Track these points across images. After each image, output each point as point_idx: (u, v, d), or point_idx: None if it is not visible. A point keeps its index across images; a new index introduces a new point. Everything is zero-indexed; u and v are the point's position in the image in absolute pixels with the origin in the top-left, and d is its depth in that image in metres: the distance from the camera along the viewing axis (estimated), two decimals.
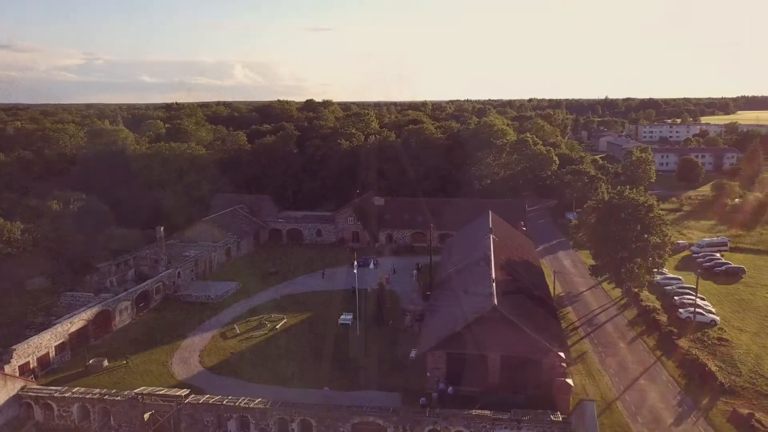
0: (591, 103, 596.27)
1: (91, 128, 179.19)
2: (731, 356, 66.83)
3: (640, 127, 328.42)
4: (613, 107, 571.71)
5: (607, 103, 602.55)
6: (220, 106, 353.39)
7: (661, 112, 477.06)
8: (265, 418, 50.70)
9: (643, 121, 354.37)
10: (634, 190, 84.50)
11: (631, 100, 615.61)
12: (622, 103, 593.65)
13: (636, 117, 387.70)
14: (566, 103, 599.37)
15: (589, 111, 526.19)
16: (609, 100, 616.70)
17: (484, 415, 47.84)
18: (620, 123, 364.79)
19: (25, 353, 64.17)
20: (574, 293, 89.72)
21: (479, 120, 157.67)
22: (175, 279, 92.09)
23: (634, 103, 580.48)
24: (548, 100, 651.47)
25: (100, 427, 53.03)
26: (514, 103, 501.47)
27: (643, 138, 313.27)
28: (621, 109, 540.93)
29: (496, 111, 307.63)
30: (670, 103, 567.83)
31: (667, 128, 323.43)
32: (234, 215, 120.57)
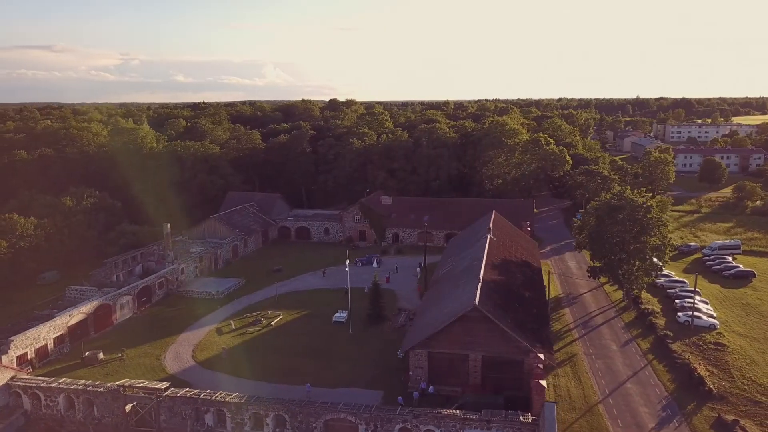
0: (621, 103, 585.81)
1: (114, 127, 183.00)
2: (725, 361, 65.29)
3: (668, 127, 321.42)
4: (645, 107, 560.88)
5: (639, 102, 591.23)
6: (245, 105, 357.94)
7: (694, 111, 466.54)
8: (241, 413, 51.45)
9: (671, 120, 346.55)
10: (635, 191, 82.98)
11: (663, 99, 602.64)
12: (654, 103, 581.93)
13: (665, 117, 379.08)
14: (596, 102, 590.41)
15: (619, 111, 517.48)
16: (640, 100, 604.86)
17: (454, 414, 47.75)
18: (648, 123, 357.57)
19: (22, 344, 66.24)
20: (574, 294, 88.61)
21: (492, 119, 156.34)
22: (178, 275, 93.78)
23: (666, 103, 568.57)
24: (578, 100, 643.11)
25: (85, 417, 54.50)
26: (542, 103, 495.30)
27: (670, 138, 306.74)
28: (653, 109, 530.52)
29: (521, 111, 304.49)
30: (704, 103, 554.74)
31: (696, 128, 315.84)
32: (243, 213, 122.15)
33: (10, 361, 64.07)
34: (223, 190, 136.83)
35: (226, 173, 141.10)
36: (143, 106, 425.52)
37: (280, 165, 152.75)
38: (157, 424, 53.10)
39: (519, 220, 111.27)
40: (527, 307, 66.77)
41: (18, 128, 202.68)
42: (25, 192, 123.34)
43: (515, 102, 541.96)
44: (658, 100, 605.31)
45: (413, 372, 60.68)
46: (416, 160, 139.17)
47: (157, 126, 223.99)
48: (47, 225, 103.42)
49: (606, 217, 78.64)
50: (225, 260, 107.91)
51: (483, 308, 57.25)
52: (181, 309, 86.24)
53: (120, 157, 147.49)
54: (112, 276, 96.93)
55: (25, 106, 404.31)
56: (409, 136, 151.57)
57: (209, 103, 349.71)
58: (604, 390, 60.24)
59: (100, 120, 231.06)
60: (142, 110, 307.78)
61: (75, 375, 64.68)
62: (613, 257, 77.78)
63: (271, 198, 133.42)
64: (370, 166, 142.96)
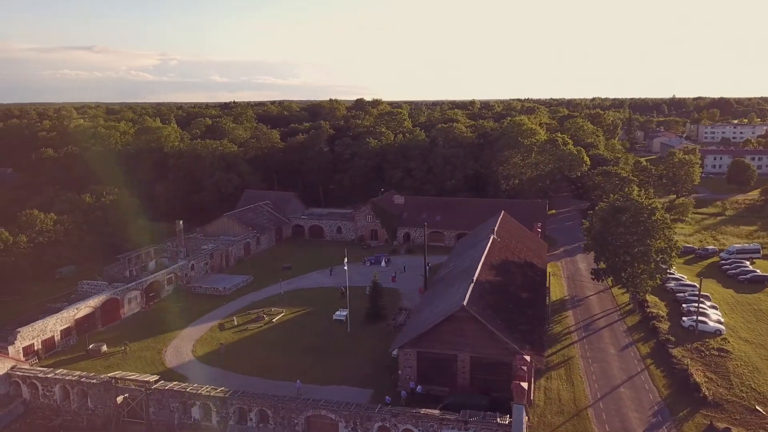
0: (657, 102, 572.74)
1: (140, 126, 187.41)
2: (726, 368, 63.65)
3: (701, 128, 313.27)
4: (681, 107, 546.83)
5: (675, 102, 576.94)
6: (274, 105, 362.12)
7: (731, 112, 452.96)
8: (226, 407, 52.41)
9: (705, 121, 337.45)
10: (642, 192, 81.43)
11: (701, 99, 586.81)
12: (692, 103, 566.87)
13: (698, 117, 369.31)
14: (630, 102, 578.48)
15: (654, 110, 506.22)
16: (676, 99, 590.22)
17: (432, 414, 47.77)
18: (682, 123, 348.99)
19: (29, 336, 68.54)
20: (580, 297, 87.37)
21: (511, 119, 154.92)
22: (188, 271, 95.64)
23: (704, 103, 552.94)
24: (611, 99, 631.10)
25: (79, 408, 56.20)
26: (573, 102, 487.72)
27: (703, 138, 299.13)
28: (689, 109, 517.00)
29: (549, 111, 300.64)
30: (743, 103, 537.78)
31: (730, 129, 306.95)
32: (257, 211, 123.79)
33: (17, 351, 66.44)
34: (240, 188, 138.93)
35: (243, 171, 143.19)
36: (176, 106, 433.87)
37: (297, 164, 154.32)
38: (146, 415, 54.39)
39: (532, 221, 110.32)
40: (522, 309, 66.14)
41: (53, 127, 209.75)
42: (49, 188, 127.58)
43: (546, 102, 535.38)
44: (695, 99, 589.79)
45: (402, 371, 60.81)
46: (432, 159, 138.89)
47: (184, 125, 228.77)
48: (66, 221, 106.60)
49: (610, 219, 77.41)
50: (237, 257, 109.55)
51: (471, 309, 57.01)
52: (188, 305, 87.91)
53: (142, 155, 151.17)
54: (125, 271, 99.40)
55: (63, 106, 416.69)
56: (426, 136, 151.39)
57: (239, 103, 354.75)
58: (596, 394, 59.37)
59: (132, 119, 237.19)
60: (171, 109, 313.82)
61: (78, 367, 66.64)
62: (617, 259, 76.50)
63: (286, 196, 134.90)
64: (386, 165, 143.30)
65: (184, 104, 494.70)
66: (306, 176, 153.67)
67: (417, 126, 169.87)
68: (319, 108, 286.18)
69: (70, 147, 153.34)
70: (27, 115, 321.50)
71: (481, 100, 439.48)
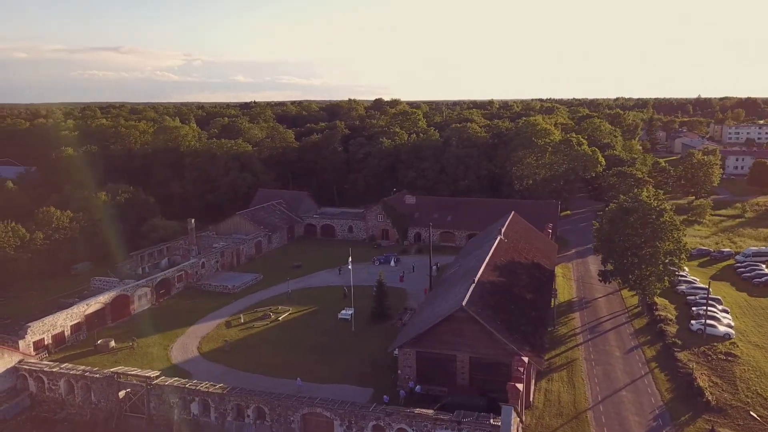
0: (682, 103, 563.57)
1: (159, 125, 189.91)
2: (733, 373, 62.51)
3: (725, 128, 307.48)
4: (707, 107, 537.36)
5: (700, 102, 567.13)
6: (293, 105, 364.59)
7: (758, 112, 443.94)
8: (223, 403, 52.97)
9: (729, 121, 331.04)
10: (651, 193, 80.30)
11: (727, 99, 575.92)
12: (717, 103, 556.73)
13: (723, 117, 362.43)
14: (654, 102, 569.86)
15: (678, 111, 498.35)
16: (702, 99, 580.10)
17: (426, 414, 47.74)
18: (706, 123, 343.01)
19: (39, 330, 70.03)
20: (588, 299, 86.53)
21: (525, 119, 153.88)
22: (198, 269, 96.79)
23: (729, 103, 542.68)
24: (635, 99, 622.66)
25: (83, 401, 57.26)
26: (596, 102, 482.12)
27: (727, 139, 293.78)
28: (715, 109, 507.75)
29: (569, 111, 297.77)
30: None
31: (755, 129, 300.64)
32: (269, 210, 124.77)
33: (27, 345, 67.97)
34: (254, 188, 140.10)
35: (257, 171, 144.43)
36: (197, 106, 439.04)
37: (312, 163, 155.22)
38: (147, 410, 55.24)
39: (544, 221, 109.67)
40: (525, 310, 65.73)
41: (76, 126, 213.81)
42: (68, 186, 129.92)
43: (567, 102, 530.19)
44: (721, 99, 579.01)
45: (402, 371, 60.88)
46: (445, 159, 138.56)
47: (203, 124, 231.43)
48: (81, 218, 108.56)
49: (618, 220, 76.58)
50: (248, 256, 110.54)
51: (470, 309, 56.84)
52: (197, 302, 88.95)
53: (159, 154, 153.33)
54: (138, 268, 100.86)
55: (89, 106, 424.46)
56: (440, 136, 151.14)
57: (259, 103, 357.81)
58: (596, 397, 58.79)
59: (153, 119, 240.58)
60: (191, 109, 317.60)
61: (86, 361, 67.86)
62: (625, 261, 75.61)
63: (299, 196, 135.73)
64: (399, 165, 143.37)
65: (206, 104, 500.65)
66: (320, 176, 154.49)
67: (432, 126, 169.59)
68: (338, 108, 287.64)
69: (89, 146, 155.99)
70: (53, 114, 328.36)
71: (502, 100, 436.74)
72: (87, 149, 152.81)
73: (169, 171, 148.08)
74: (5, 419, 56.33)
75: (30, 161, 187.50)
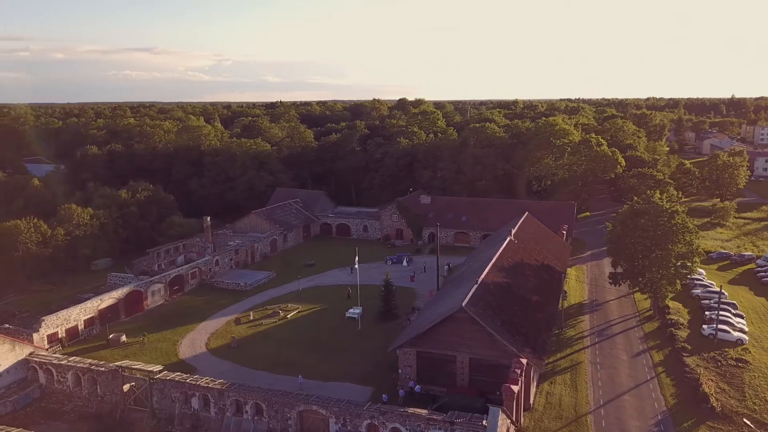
0: (714, 103, 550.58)
1: (183, 125, 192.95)
2: (742, 379, 61.16)
3: (757, 129, 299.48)
4: (741, 107, 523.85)
5: (734, 102, 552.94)
6: (318, 105, 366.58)
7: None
8: (223, 399, 53.73)
9: (762, 122, 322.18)
10: (664, 195, 78.94)
11: (762, 99, 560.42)
12: (753, 103, 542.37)
13: (756, 118, 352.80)
14: (686, 102, 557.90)
15: (711, 111, 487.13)
16: (735, 100, 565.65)
17: (419, 414, 47.76)
18: (738, 124, 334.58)
19: (53, 324, 71.89)
20: (600, 301, 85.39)
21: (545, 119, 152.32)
22: (212, 266, 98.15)
23: (765, 103, 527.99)
24: (667, 99, 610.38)
25: (89, 394, 58.65)
26: (624, 102, 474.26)
27: (759, 140, 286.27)
28: (749, 109, 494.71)
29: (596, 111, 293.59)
30: None
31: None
32: (285, 209, 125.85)
33: (41, 339, 69.87)
34: (272, 186, 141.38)
35: (275, 170, 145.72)
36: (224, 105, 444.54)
37: (330, 163, 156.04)
38: (150, 404, 56.33)
39: (560, 222, 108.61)
40: (529, 312, 65.30)
41: (105, 125, 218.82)
42: (91, 184, 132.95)
43: (597, 102, 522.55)
44: (756, 99, 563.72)
45: (402, 370, 60.98)
46: (462, 159, 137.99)
47: (228, 124, 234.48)
48: (102, 215, 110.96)
49: (629, 222, 75.48)
50: (262, 254, 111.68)
51: (470, 310, 56.62)
52: (209, 299, 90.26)
53: (181, 152, 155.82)
54: (154, 265, 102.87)
55: (120, 105, 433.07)
56: (458, 136, 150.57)
57: (284, 103, 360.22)
58: (598, 400, 58.07)
59: (179, 118, 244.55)
60: (217, 109, 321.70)
61: (98, 355, 69.49)
62: (635, 263, 74.49)
63: (316, 195, 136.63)
64: (416, 165, 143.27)
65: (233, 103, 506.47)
66: (338, 175, 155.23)
67: (451, 126, 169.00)
68: (362, 108, 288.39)
69: (113, 144, 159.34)
70: (85, 113, 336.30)
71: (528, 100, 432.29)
72: (111, 148, 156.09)
73: (190, 169, 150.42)
74: (15, 409, 58.00)
75: (60, 159, 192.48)
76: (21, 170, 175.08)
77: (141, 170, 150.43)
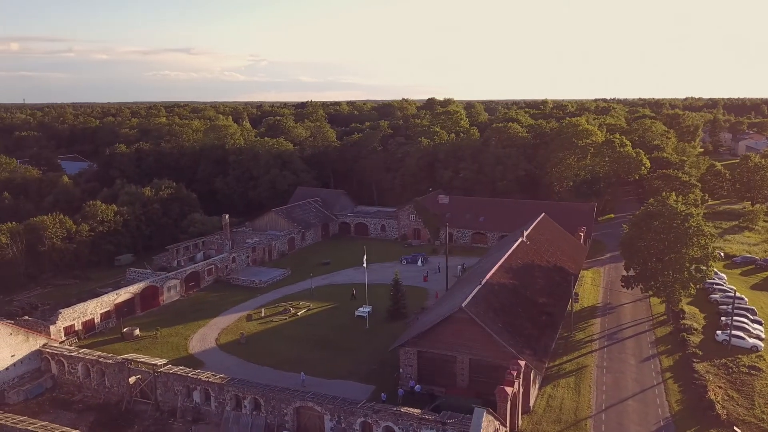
0: (756, 103, 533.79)
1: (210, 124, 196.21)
2: (753, 387, 59.49)
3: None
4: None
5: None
6: (348, 105, 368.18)
7: None
8: (223, 393, 54.68)
9: None
10: (680, 197, 77.19)
11: None
12: None
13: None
14: (725, 102, 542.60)
15: (752, 111, 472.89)
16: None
17: (412, 413, 47.83)
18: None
19: (70, 317, 74.13)
20: (614, 304, 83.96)
21: (568, 119, 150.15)
22: (228, 263, 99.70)
23: None
24: (706, 99, 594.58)
25: (98, 385, 60.34)
26: (660, 102, 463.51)
27: None
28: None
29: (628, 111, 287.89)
30: None
31: None
32: (304, 207, 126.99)
33: (58, 331, 72.12)
34: (294, 185, 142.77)
35: (297, 169, 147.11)
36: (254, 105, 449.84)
37: (352, 162, 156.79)
38: (154, 396, 57.68)
39: (578, 224, 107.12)
40: (533, 313, 64.70)
41: (138, 124, 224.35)
42: (118, 181, 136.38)
43: (631, 102, 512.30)
44: None
45: (403, 369, 61.08)
46: (483, 159, 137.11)
47: (256, 123, 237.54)
48: (125, 212, 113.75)
49: (642, 224, 74.08)
50: (280, 252, 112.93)
51: (470, 310, 56.40)
52: (223, 295, 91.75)
53: (206, 151, 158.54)
54: (173, 261, 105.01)
55: (155, 105, 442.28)
56: (480, 135, 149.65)
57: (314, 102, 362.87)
58: (601, 405, 57.18)
59: (210, 117, 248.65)
60: (246, 108, 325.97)
61: (111, 348, 71.44)
62: (649, 266, 73.02)
63: (336, 194, 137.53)
64: (437, 165, 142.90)
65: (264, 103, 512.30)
66: (360, 174, 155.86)
67: (475, 125, 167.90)
68: (390, 107, 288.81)
69: (141, 143, 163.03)
70: (121, 113, 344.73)
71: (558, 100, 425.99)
72: (139, 146, 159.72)
73: (215, 168, 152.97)
74: (28, 398, 60.06)
75: (95, 157, 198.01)
76: (55, 168, 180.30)
77: (168, 168, 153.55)
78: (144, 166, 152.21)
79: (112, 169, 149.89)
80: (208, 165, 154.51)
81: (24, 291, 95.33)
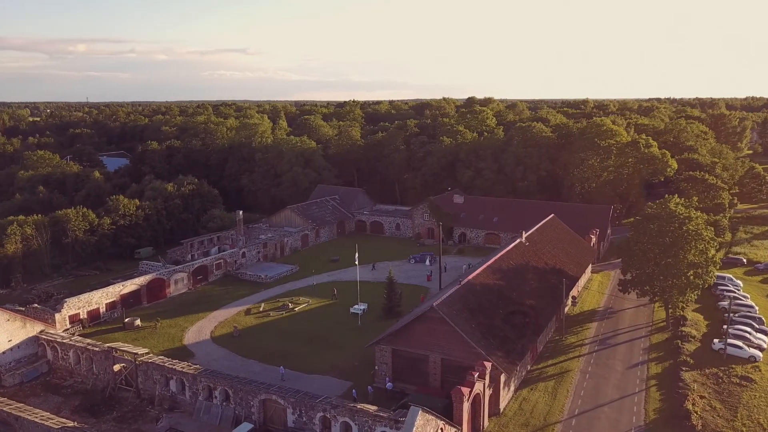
0: None
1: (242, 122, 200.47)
2: (739, 398, 57.05)
3: None
4: None
5: None
6: (388, 103, 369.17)
7: None
8: (196, 383, 56.24)
9: None
10: (681, 200, 74.54)
11: None
12: None
13: None
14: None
15: None
16: None
17: (367, 410, 48.08)
18: None
19: (75, 305, 77.55)
20: (615, 309, 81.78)
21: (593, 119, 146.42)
22: (238, 258, 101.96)
23: None
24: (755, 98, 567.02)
25: (86, 372, 62.98)
26: (713, 101, 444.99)
27: None
28: None
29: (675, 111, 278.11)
30: None
31: None
32: (321, 205, 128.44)
33: (63, 319, 75.63)
34: (315, 183, 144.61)
35: (320, 167, 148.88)
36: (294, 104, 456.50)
37: (375, 161, 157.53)
38: (135, 384, 59.83)
39: (593, 226, 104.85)
40: (516, 315, 63.77)
41: (181, 123, 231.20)
42: (146, 177, 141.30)
43: (686, 102, 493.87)
44: None
45: (379, 367, 61.35)
46: (504, 159, 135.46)
47: (292, 122, 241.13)
48: (147, 206, 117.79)
49: (640, 227, 72.02)
50: (292, 248, 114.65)
51: (441, 310, 56.24)
52: (229, 289, 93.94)
53: (235, 149, 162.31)
54: (187, 255, 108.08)
55: (203, 104, 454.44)
56: (504, 135, 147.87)
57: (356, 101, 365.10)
58: (574, 410, 56.01)
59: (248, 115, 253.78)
60: (284, 107, 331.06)
61: (112, 337, 74.36)
62: (646, 270, 70.88)
63: (354, 192, 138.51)
64: (458, 164, 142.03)
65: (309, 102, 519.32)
66: (383, 173, 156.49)
67: (502, 124, 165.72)
68: (427, 106, 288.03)
69: (172, 141, 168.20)
70: (170, 111, 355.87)
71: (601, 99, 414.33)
72: (170, 143, 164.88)
73: (243, 165, 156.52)
74: (23, 382, 63.24)
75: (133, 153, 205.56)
76: (96, 163, 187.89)
77: (198, 165, 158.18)
78: (174, 163, 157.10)
79: (144, 166, 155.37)
80: (235, 162, 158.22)
81: (47, 280, 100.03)
